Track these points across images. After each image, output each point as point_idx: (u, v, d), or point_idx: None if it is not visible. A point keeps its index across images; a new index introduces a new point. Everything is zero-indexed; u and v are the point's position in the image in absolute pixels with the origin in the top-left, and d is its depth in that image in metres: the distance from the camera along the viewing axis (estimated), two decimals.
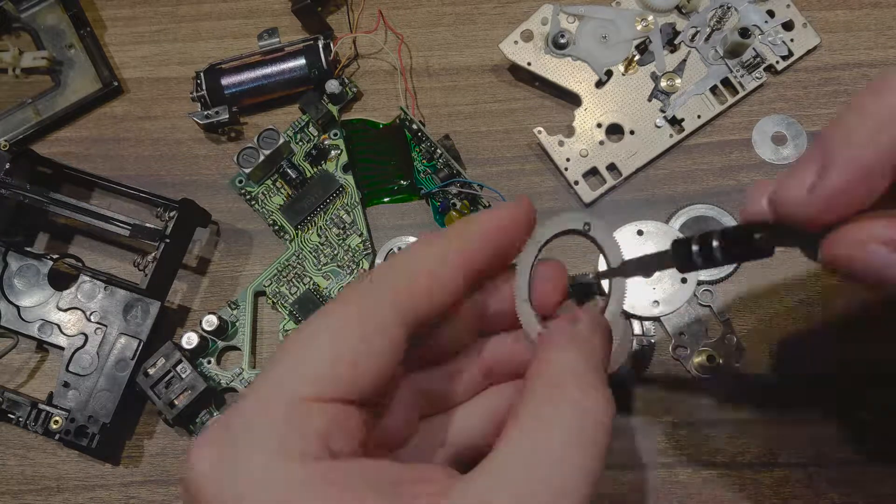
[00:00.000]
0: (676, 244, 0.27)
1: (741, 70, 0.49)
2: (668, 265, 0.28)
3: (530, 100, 0.51)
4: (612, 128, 0.49)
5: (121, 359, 0.46)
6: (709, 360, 0.45)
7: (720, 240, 0.26)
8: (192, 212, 0.47)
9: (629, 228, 0.47)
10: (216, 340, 0.47)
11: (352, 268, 0.48)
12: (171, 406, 0.44)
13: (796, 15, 0.50)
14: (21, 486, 0.46)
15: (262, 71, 0.50)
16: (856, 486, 0.43)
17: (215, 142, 0.52)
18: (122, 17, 0.55)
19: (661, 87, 0.49)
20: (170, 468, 0.46)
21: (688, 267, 0.27)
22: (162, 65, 0.54)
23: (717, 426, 0.44)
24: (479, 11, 0.53)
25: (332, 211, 0.49)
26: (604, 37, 0.50)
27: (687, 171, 0.49)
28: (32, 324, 0.47)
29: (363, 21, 0.53)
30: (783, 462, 0.43)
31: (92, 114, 0.53)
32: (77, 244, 0.50)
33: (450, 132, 0.50)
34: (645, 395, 0.45)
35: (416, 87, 0.52)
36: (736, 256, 0.26)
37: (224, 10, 0.55)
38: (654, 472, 0.44)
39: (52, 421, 0.44)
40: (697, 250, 0.26)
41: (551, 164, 0.49)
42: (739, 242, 0.25)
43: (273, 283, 0.48)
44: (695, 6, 0.50)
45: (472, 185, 0.47)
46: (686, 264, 0.27)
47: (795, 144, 0.49)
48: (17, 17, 0.54)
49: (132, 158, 0.52)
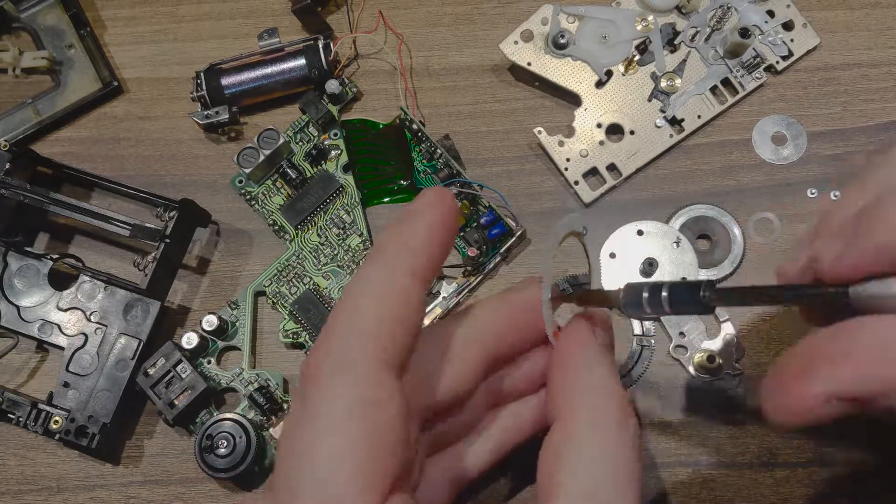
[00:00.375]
0: (629, 287, 0.27)
1: (741, 70, 0.49)
2: (613, 304, 0.28)
3: (530, 100, 0.51)
4: (612, 128, 0.49)
5: (121, 359, 0.46)
6: (709, 360, 0.45)
7: (668, 291, 0.26)
8: (192, 212, 0.47)
9: (629, 228, 0.47)
10: (216, 340, 0.47)
11: (352, 268, 0.48)
12: (171, 406, 0.44)
13: (796, 15, 0.50)
14: (21, 486, 0.46)
15: (262, 71, 0.50)
16: (856, 486, 0.43)
17: (215, 142, 0.52)
18: (122, 17, 0.55)
19: (661, 87, 0.49)
20: (170, 468, 0.46)
21: (634, 313, 0.27)
22: (162, 65, 0.54)
23: (717, 426, 0.44)
24: (479, 11, 0.53)
25: (332, 211, 0.49)
26: (604, 37, 0.50)
27: (687, 171, 0.49)
28: (32, 324, 0.47)
29: (363, 21, 0.53)
30: (783, 462, 0.43)
31: (92, 114, 0.53)
32: (77, 244, 0.50)
33: (450, 132, 0.50)
34: (645, 395, 0.45)
35: (416, 87, 0.52)
36: (681, 310, 0.27)
37: (224, 10, 0.55)
38: (655, 472, 0.44)
39: (52, 421, 0.44)
40: (647, 297, 0.27)
41: (551, 164, 0.49)
42: (686, 299, 0.26)
43: (273, 283, 0.48)
44: (695, 6, 0.50)
45: (472, 185, 0.47)
46: (633, 309, 0.27)
47: (795, 144, 0.49)
48: (17, 17, 0.54)
49: (132, 158, 0.52)
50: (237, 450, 0.43)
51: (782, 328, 0.46)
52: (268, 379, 0.46)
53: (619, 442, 0.24)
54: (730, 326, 0.45)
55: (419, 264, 0.26)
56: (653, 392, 0.45)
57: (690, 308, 0.26)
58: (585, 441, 0.24)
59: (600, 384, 0.26)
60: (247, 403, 0.46)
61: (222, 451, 0.43)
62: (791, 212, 0.48)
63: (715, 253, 0.47)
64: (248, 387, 0.46)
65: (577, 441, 0.25)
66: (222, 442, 0.43)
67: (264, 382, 0.46)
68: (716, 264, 0.47)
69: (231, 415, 0.44)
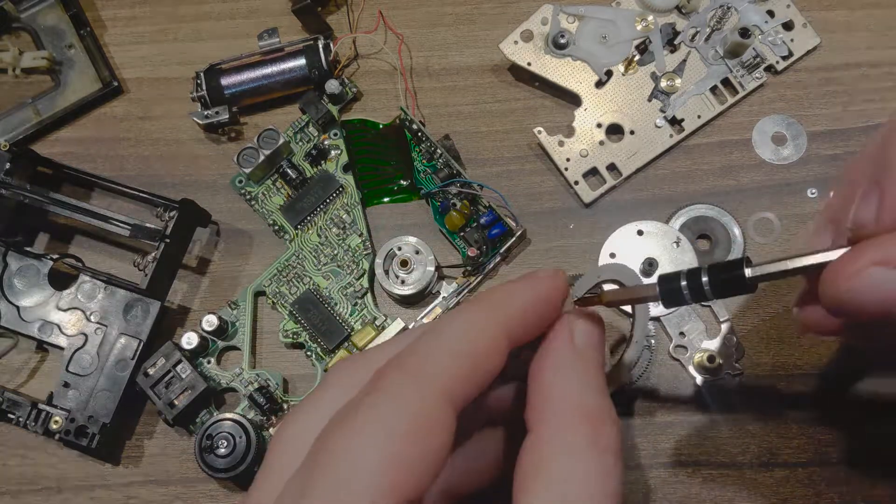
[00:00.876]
0: (663, 279, 0.26)
1: (741, 70, 0.49)
2: (651, 299, 0.27)
3: (530, 100, 0.51)
4: (612, 128, 0.49)
5: (121, 359, 0.46)
6: (709, 360, 0.45)
7: (709, 275, 0.25)
8: (192, 212, 0.47)
9: (629, 228, 0.47)
10: (216, 340, 0.47)
11: (352, 268, 0.48)
12: (171, 406, 0.44)
13: (796, 15, 0.50)
14: (21, 486, 0.46)
15: (262, 71, 0.50)
16: (856, 486, 0.43)
17: (215, 142, 0.52)
18: (122, 17, 0.55)
19: (661, 87, 0.49)
20: (170, 468, 0.46)
21: (676, 302, 0.26)
22: (162, 65, 0.54)
23: (717, 426, 0.44)
24: (479, 11, 0.53)
25: (332, 211, 0.49)
26: (604, 37, 0.50)
27: (687, 171, 0.49)
28: (32, 324, 0.47)
29: (363, 21, 0.53)
30: (783, 462, 0.43)
31: (92, 114, 0.53)
32: (77, 244, 0.50)
33: (450, 132, 0.50)
34: (645, 394, 0.45)
35: (416, 87, 0.52)
36: (724, 292, 0.26)
37: (224, 10, 0.55)
38: (654, 472, 0.44)
39: (52, 421, 0.44)
40: (685, 285, 0.26)
41: (551, 164, 0.49)
42: (729, 279, 0.25)
43: (273, 283, 0.48)
44: (695, 6, 0.50)
45: (472, 185, 0.47)
46: (674, 300, 0.26)
47: (795, 144, 0.49)
48: (17, 17, 0.54)
49: (132, 158, 0.52)
50: (237, 450, 0.43)
51: (782, 328, 0.46)
52: (268, 379, 0.46)
53: (590, 460, 0.23)
54: (730, 326, 0.45)
55: (514, 322, 0.25)
56: (653, 392, 0.45)
57: (735, 289, 0.25)
58: (551, 459, 0.23)
59: (569, 395, 0.25)
60: (247, 403, 0.46)
61: (222, 451, 0.43)
62: (791, 212, 0.48)
63: (715, 253, 0.47)
64: (248, 387, 0.46)
65: (543, 458, 0.23)
66: (222, 442, 0.43)
67: (264, 382, 0.46)
68: None
69: (231, 415, 0.44)
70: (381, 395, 0.22)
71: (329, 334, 0.46)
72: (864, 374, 0.44)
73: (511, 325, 0.25)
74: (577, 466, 0.23)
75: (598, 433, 0.23)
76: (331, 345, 0.46)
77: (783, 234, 0.47)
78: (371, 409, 0.22)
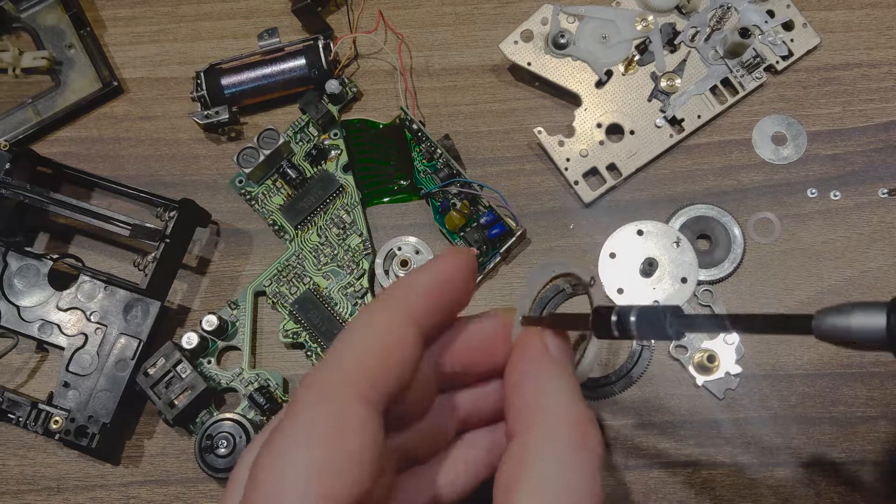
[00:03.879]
0: (596, 312, 0.27)
1: (741, 70, 0.49)
2: (584, 328, 0.27)
3: (530, 100, 0.51)
4: (612, 128, 0.49)
5: (121, 359, 0.46)
6: (709, 360, 0.45)
7: (637, 316, 0.25)
8: (192, 212, 0.47)
9: (629, 228, 0.47)
10: (216, 340, 0.47)
11: (352, 268, 0.48)
12: (171, 406, 0.44)
13: (796, 15, 0.50)
14: (21, 486, 0.46)
15: (262, 71, 0.50)
16: (856, 486, 0.43)
17: (215, 142, 0.52)
18: (122, 17, 0.55)
19: (661, 87, 0.49)
20: (170, 468, 0.46)
21: (604, 335, 0.27)
22: (162, 65, 0.54)
23: (717, 426, 0.44)
24: (479, 11, 0.53)
25: (332, 211, 0.49)
26: (604, 37, 0.50)
27: (687, 171, 0.49)
28: (32, 324, 0.47)
29: (363, 21, 0.53)
30: (783, 462, 0.43)
31: (92, 114, 0.53)
32: (77, 244, 0.50)
33: (450, 132, 0.50)
34: (644, 395, 0.45)
35: (416, 87, 0.52)
36: (648, 336, 0.26)
37: (224, 10, 0.55)
38: (654, 472, 0.44)
39: (52, 421, 0.44)
40: (615, 321, 0.25)
41: (551, 164, 0.49)
42: (654, 326, 0.25)
43: (273, 283, 0.48)
44: (695, 6, 0.50)
45: (472, 185, 0.47)
46: (604, 333, 0.26)
47: (795, 144, 0.49)
48: (17, 17, 0.54)
49: (132, 158, 0.52)
50: (237, 450, 0.43)
51: None
52: (268, 379, 0.46)
53: (574, 466, 0.23)
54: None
55: (419, 309, 0.25)
56: (653, 392, 0.45)
57: (658, 334, 0.25)
58: (541, 462, 0.23)
59: (554, 402, 0.25)
60: (247, 403, 0.46)
61: (222, 451, 0.43)
62: (791, 212, 0.48)
63: (715, 253, 0.47)
64: (247, 387, 0.46)
65: (533, 462, 0.24)
66: (222, 442, 0.43)
67: (264, 382, 0.46)
68: (716, 264, 0.47)
69: (231, 415, 0.44)
70: (298, 409, 0.23)
71: (329, 334, 0.46)
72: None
73: (416, 313, 0.25)
74: (567, 468, 0.23)
75: (585, 436, 0.24)
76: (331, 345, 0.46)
77: (783, 234, 0.47)
78: (289, 425, 0.23)
